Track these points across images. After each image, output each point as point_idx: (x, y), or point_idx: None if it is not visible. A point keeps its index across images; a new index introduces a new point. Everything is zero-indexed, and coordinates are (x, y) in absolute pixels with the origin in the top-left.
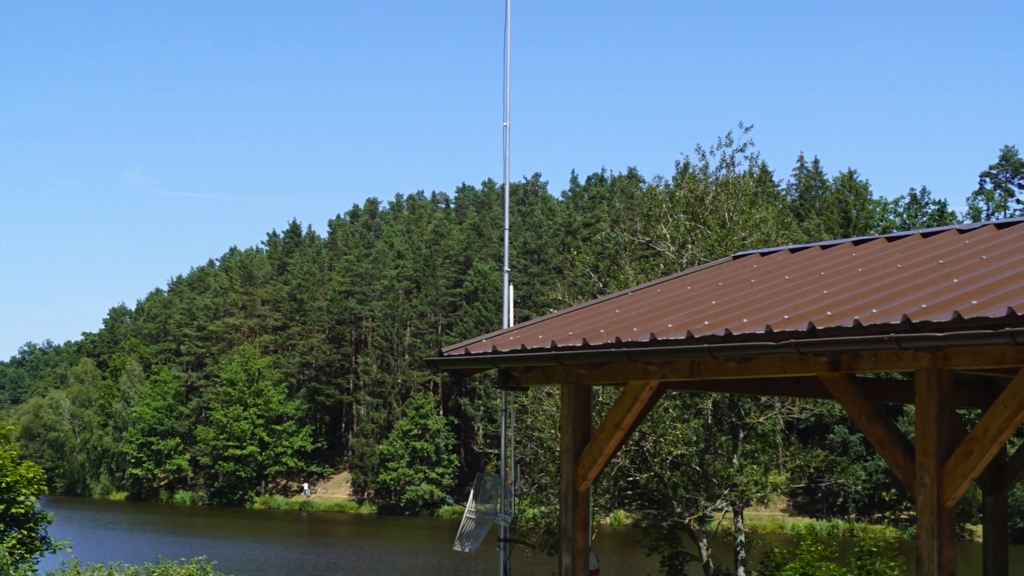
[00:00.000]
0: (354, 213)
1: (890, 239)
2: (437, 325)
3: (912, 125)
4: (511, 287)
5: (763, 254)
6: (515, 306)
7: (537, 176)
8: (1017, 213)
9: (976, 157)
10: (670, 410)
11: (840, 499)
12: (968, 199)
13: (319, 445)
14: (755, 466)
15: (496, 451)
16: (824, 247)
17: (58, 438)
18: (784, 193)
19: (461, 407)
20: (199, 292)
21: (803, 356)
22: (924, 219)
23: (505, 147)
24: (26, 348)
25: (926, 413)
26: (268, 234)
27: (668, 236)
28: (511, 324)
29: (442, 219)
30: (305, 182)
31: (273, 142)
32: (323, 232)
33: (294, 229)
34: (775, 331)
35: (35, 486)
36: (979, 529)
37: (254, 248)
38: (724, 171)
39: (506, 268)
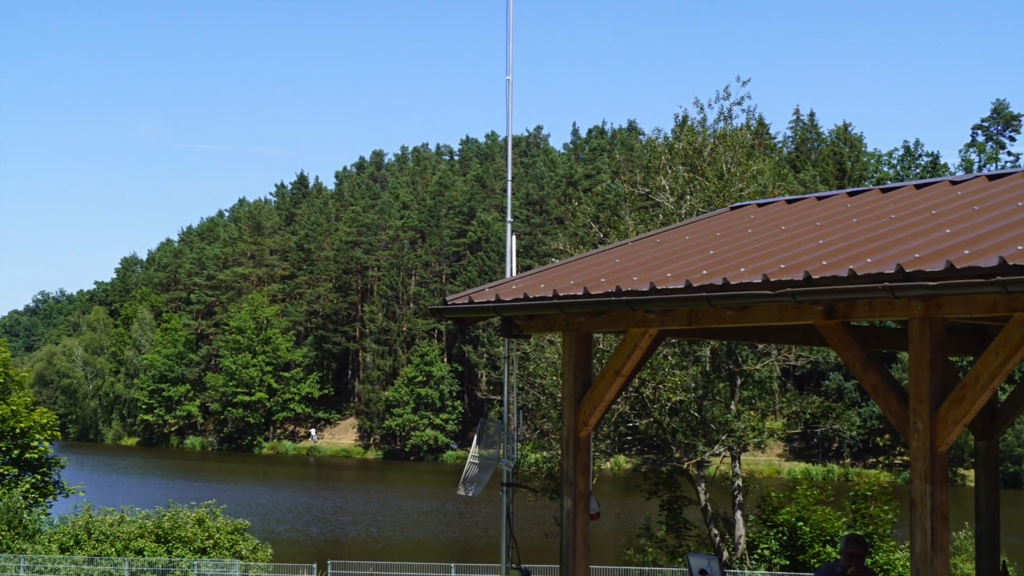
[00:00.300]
0: (360, 165)
1: (884, 190)
2: (441, 274)
3: (906, 79)
4: (514, 237)
5: (760, 205)
6: (517, 256)
7: (539, 129)
8: (1008, 165)
9: (968, 110)
10: (669, 357)
11: (835, 444)
12: (960, 151)
13: (326, 391)
14: (752, 412)
15: (499, 397)
16: (820, 198)
17: (71, 385)
18: (780, 145)
19: (465, 354)
20: (209, 242)
21: (799, 304)
22: (917, 171)
23: (508, 100)
24: (40, 297)
25: (919, 360)
26: (276, 185)
27: (667, 187)
28: (514, 273)
29: (446, 171)
30: (312, 134)
31: (281, 95)
32: (330, 183)
33: (302, 180)
34: (772, 280)
35: (48, 432)
36: (971, 474)
37: (263, 199)
38: (722, 124)
39: (509, 219)
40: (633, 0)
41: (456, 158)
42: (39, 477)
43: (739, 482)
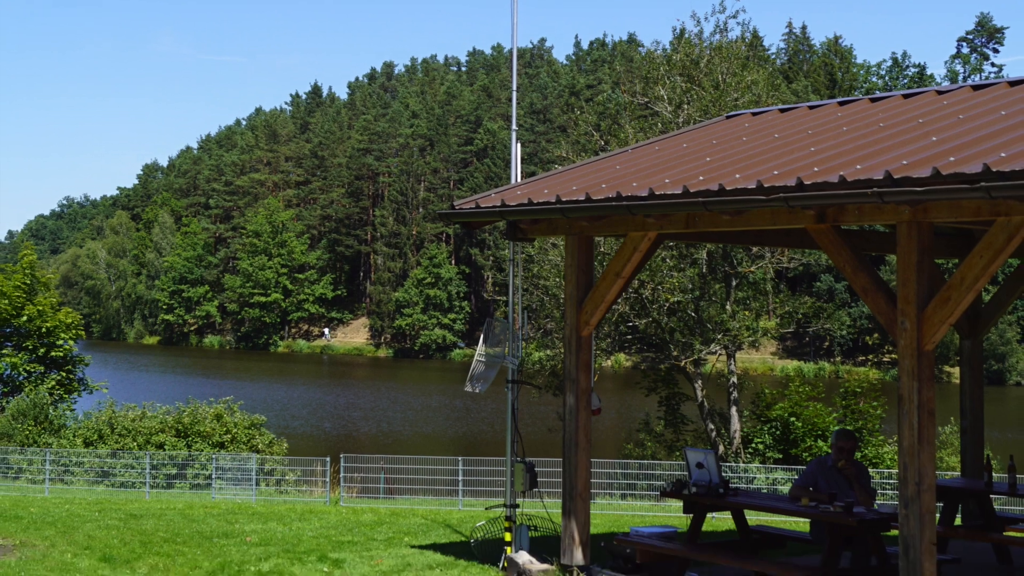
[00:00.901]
0: (372, 75)
1: (873, 100)
2: (449, 180)
3: None
4: (518, 145)
5: (754, 114)
6: (522, 163)
7: (543, 41)
8: (992, 76)
9: (953, 23)
10: (667, 260)
11: (826, 343)
12: (946, 62)
13: (339, 292)
14: (747, 312)
15: (504, 298)
16: (811, 107)
17: (95, 286)
18: (774, 57)
19: (472, 257)
20: (227, 149)
21: (792, 209)
22: (905, 81)
23: (513, 14)
24: (65, 202)
25: (907, 263)
26: (291, 95)
27: (665, 97)
28: (518, 179)
29: (454, 81)
30: (326, 46)
31: (297, 8)
32: (343, 93)
33: (315, 90)
34: (766, 186)
35: (73, 331)
36: (956, 371)
37: (278, 108)
38: (718, 36)
39: (514, 127)
40: None
41: (463, 69)
42: (64, 374)
43: (734, 379)
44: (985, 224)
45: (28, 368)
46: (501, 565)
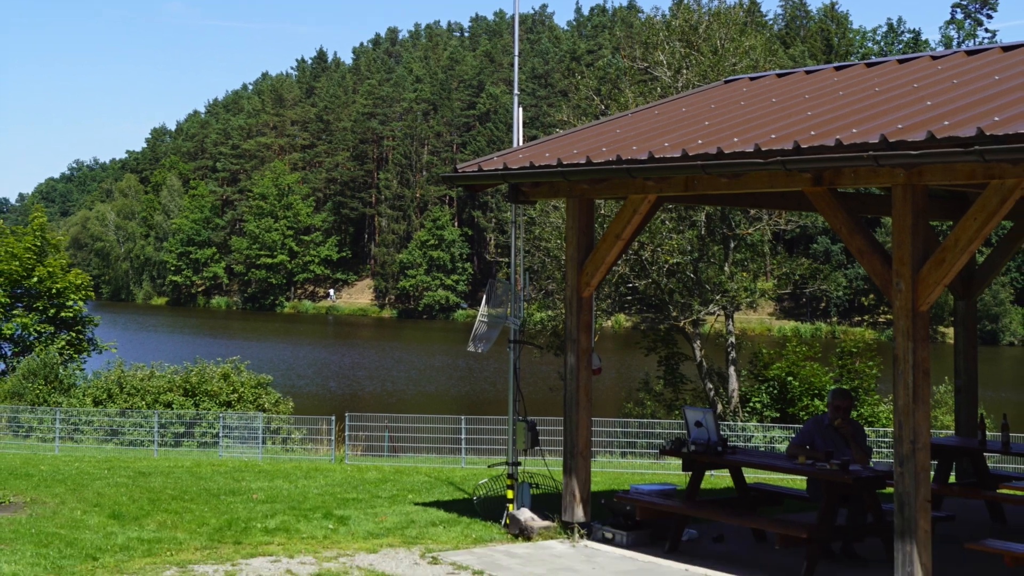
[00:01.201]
0: (376, 41)
1: (869, 65)
2: (452, 144)
3: None
4: (520, 109)
5: (752, 79)
6: (524, 127)
7: (544, 7)
8: (985, 41)
9: None
10: (666, 222)
11: (823, 304)
12: (941, 28)
13: (344, 254)
14: (745, 273)
15: (506, 260)
16: (808, 72)
17: (104, 248)
18: (771, 23)
19: (474, 219)
20: (234, 113)
21: (789, 172)
22: (900, 47)
23: None
24: (75, 165)
25: (902, 225)
26: (297, 60)
27: (665, 62)
28: (520, 143)
29: (457, 46)
30: (331, 12)
31: None
32: (347, 58)
33: (321, 56)
34: (763, 149)
35: (83, 292)
36: (951, 331)
37: (284, 73)
38: (716, 2)
39: (516, 92)
40: None
41: (466, 34)
42: (74, 335)
43: (732, 339)
44: (979, 187)
45: (38, 328)
46: (503, 522)
